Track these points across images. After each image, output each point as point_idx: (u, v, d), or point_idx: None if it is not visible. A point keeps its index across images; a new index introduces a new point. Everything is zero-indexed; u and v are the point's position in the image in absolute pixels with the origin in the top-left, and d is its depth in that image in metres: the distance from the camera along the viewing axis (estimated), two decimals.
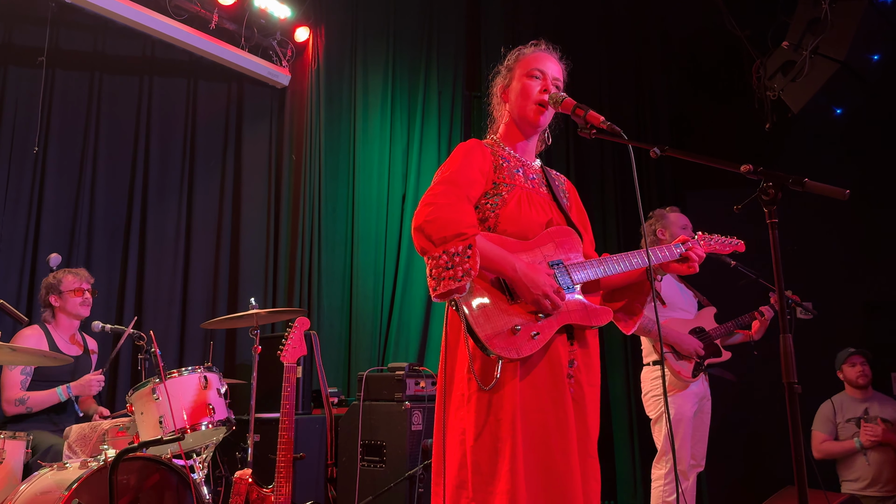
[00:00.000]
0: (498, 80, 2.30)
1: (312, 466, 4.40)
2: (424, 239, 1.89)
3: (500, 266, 1.93)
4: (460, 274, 1.82)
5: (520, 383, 1.90)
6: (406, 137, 6.22)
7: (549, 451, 1.88)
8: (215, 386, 3.51)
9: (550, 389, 1.93)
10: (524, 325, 1.91)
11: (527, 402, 1.90)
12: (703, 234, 2.40)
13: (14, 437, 3.18)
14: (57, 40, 5.01)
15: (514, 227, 2.04)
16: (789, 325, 1.70)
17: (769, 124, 5.33)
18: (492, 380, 1.88)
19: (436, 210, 1.90)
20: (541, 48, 2.28)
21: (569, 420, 1.92)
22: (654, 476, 3.84)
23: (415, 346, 5.81)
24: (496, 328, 1.89)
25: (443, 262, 1.84)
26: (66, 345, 4.04)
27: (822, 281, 5.20)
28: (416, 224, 1.92)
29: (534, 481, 1.85)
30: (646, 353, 4.04)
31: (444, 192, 1.95)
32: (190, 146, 5.50)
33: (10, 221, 4.67)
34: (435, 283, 1.85)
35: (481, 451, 1.88)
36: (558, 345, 1.98)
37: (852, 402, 4.63)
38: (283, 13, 5.76)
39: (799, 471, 1.57)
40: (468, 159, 2.08)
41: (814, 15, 4.86)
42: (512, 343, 1.88)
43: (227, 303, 5.43)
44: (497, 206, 2.06)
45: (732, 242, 2.48)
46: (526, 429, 1.88)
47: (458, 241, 1.85)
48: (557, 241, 2.07)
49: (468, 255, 1.83)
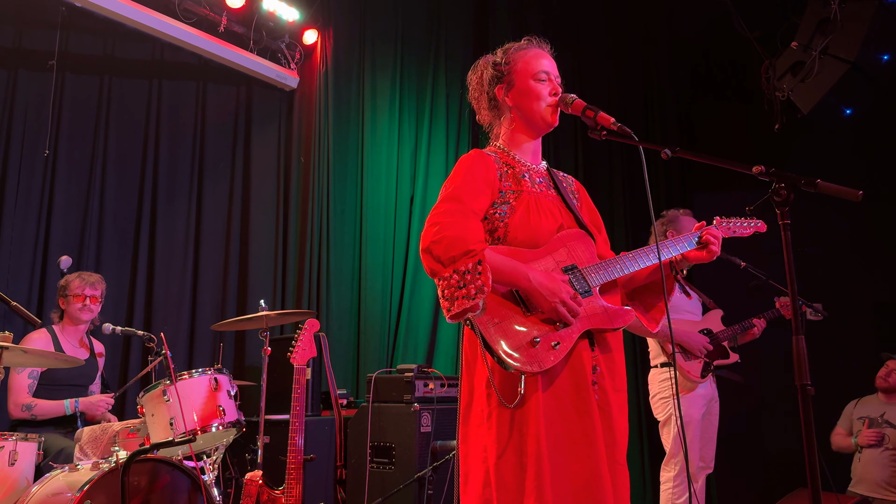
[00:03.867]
0: (488, 80, 2.18)
1: (322, 468, 4.40)
2: (433, 260, 1.85)
3: (513, 278, 1.88)
4: (473, 292, 1.77)
5: (542, 395, 1.84)
6: (414, 140, 6.23)
7: (577, 462, 1.83)
8: (225, 388, 3.52)
9: (574, 399, 1.88)
10: (543, 336, 1.85)
11: (551, 414, 1.84)
12: (722, 219, 2.33)
13: (26, 438, 3.19)
14: (67, 44, 5.03)
15: (525, 234, 1.99)
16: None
17: (778, 125, 5.32)
18: (515, 396, 1.83)
19: (442, 229, 1.85)
20: (534, 46, 2.19)
21: (595, 429, 1.86)
22: (664, 479, 3.83)
23: (423, 347, 5.81)
24: (515, 342, 1.84)
25: (454, 281, 1.80)
26: (73, 348, 4.05)
27: (832, 282, 5.18)
28: (423, 245, 1.87)
29: (562, 494, 1.80)
30: (653, 356, 4.02)
31: (448, 210, 1.91)
32: (199, 149, 5.51)
33: (20, 224, 4.69)
34: (448, 304, 1.81)
35: (506, 467, 1.83)
36: (580, 351, 1.91)
37: (874, 403, 4.62)
38: (292, 16, 5.77)
39: (812, 473, 1.56)
40: (471, 172, 2.02)
41: (823, 15, 4.84)
42: (533, 356, 1.83)
43: (237, 305, 5.44)
44: (506, 216, 2.01)
45: (753, 223, 2.38)
46: (551, 441, 1.82)
47: (466, 258, 1.80)
48: (570, 246, 2.02)
49: (479, 272, 1.78)
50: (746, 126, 5.96)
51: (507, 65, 2.16)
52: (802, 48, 4.98)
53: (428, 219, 1.92)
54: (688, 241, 2.17)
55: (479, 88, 2.23)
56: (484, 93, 2.21)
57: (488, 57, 2.24)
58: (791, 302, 1.68)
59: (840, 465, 4.64)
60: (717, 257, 2.18)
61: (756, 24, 5.50)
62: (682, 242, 2.17)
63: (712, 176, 6.08)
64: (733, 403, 4.28)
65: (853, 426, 4.63)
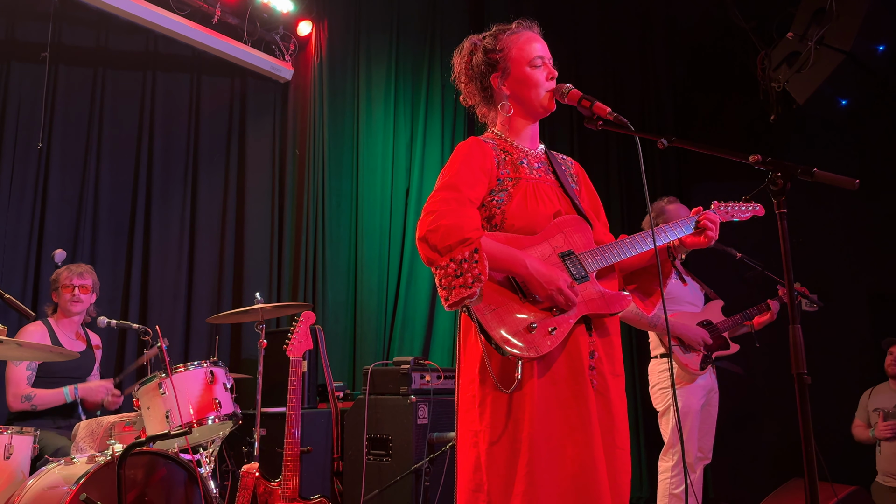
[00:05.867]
0: (481, 68, 2.14)
1: (319, 460, 4.40)
2: (429, 249, 1.85)
3: (509, 265, 1.88)
4: (470, 280, 1.77)
5: (538, 381, 1.85)
6: (410, 131, 6.21)
7: (573, 446, 1.84)
8: (221, 380, 3.52)
9: (571, 384, 1.88)
10: (540, 322, 1.86)
11: (547, 399, 1.85)
12: (719, 203, 2.32)
13: (21, 432, 3.18)
14: (60, 36, 4.99)
15: (522, 221, 1.98)
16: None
17: (774, 115, 5.32)
18: (512, 382, 1.84)
19: (438, 218, 1.85)
20: (524, 29, 2.16)
21: (591, 414, 1.86)
22: (661, 469, 3.84)
23: (420, 339, 5.81)
24: (511, 329, 1.85)
25: (451, 270, 1.80)
26: (69, 340, 4.03)
27: (827, 272, 5.19)
28: (419, 235, 1.87)
29: (555, 479, 1.81)
30: (653, 347, 4.03)
31: (444, 198, 1.90)
32: (193, 141, 5.48)
33: (14, 218, 4.67)
34: (446, 293, 1.81)
35: (499, 452, 1.84)
36: (577, 337, 1.92)
37: (888, 393, 4.63)
38: (286, 7, 5.74)
39: (809, 463, 1.56)
40: (468, 160, 2.01)
41: (819, 5, 4.84)
42: (530, 342, 1.83)
43: (232, 297, 5.42)
44: (503, 202, 2.00)
45: (751, 207, 2.37)
46: (546, 426, 1.83)
47: (463, 247, 1.80)
48: (566, 231, 2.01)
49: (476, 260, 1.78)
50: (742, 116, 5.95)
51: (500, 52, 2.12)
52: (798, 38, 4.98)
53: (424, 207, 1.91)
54: (685, 225, 2.17)
55: (469, 73, 2.19)
56: (474, 79, 2.18)
57: (473, 39, 2.19)
58: (787, 291, 1.68)
59: (854, 455, 4.65)
60: (714, 243, 2.17)
61: (752, 14, 5.50)
62: (680, 227, 2.16)
63: (709, 166, 6.08)
64: (730, 394, 4.28)
65: (870, 417, 4.63)
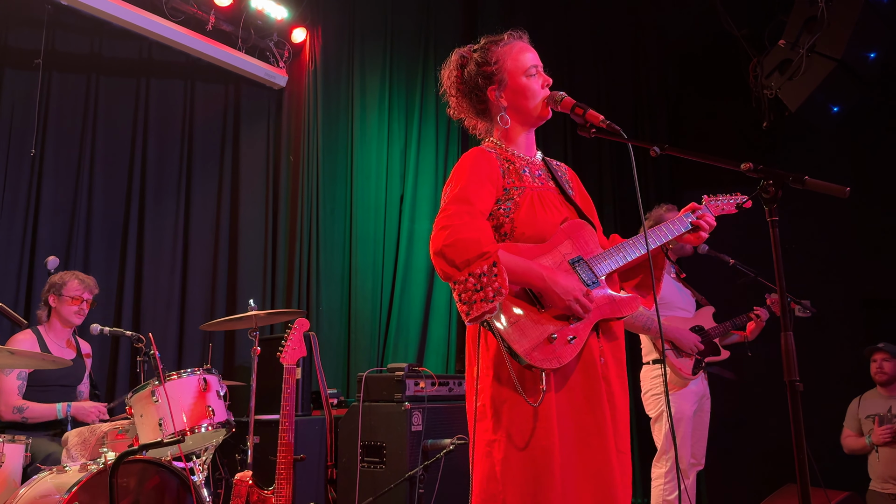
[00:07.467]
0: (476, 81, 2.16)
1: (312, 468, 4.39)
2: (447, 264, 1.84)
3: (527, 278, 1.90)
4: (491, 294, 1.77)
5: (554, 387, 1.87)
6: (404, 138, 6.22)
7: (589, 450, 1.86)
8: (215, 388, 3.50)
9: (586, 389, 1.91)
10: (559, 332, 1.88)
11: (563, 406, 1.87)
12: (710, 197, 2.34)
13: (13, 440, 3.17)
14: (53, 42, 5.00)
15: (531, 230, 2.00)
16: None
17: (766, 123, 5.34)
18: (536, 392, 1.85)
19: (453, 232, 1.85)
20: (514, 39, 2.18)
21: (605, 419, 1.89)
22: (654, 475, 3.84)
23: (414, 346, 5.81)
24: (533, 340, 1.86)
25: (470, 284, 1.80)
26: (60, 348, 3.99)
27: (819, 279, 5.21)
28: (434, 249, 1.87)
29: (573, 484, 1.83)
30: (645, 352, 4.04)
31: (456, 212, 1.91)
32: (187, 148, 5.48)
33: (7, 224, 4.65)
34: (467, 308, 1.80)
35: (518, 462, 1.84)
36: (589, 342, 1.94)
37: (877, 399, 4.61)
38: (280, 14, 5.75)
39: (801, 469, 1.57)
40: (475, 171, 2.02)
41: (810, 13, 4.87)
42: (551, 353, 1.85)
43: (226, 304, 5.42)
44: (511, 211, 2.02)
45: (738, 200, 2.39)
46: (563, 433, 1.85)
47: (481, 261, 1.80)
48: (573, 237, 2.04)
49: (495, 274, 1.79)
50: (734, 124, 5.98)
51: (495, 64, 2.14)
52: (790, 46, 5.01)
53: (437, 221, 1.91)
54: (682, 223, 2.20)
55: (462, 87, 2.22)
56: (468, 93, 2.21)
57: (461, 52, 2.22)
58: (780, 298, 1.69)
59: (847, 461, 4.63)
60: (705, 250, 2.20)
61: (743, 22, 5.52)
62: (677, 224, 2.20)
63: (701, 173, 6.06)
64: (723, 400, 4.29)
65: (862, 426, 4.58)
